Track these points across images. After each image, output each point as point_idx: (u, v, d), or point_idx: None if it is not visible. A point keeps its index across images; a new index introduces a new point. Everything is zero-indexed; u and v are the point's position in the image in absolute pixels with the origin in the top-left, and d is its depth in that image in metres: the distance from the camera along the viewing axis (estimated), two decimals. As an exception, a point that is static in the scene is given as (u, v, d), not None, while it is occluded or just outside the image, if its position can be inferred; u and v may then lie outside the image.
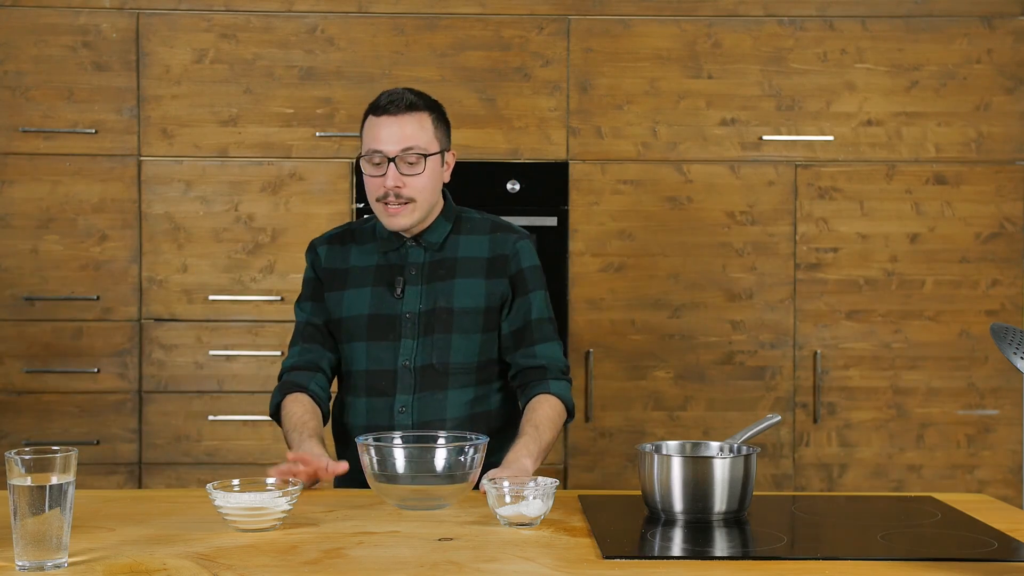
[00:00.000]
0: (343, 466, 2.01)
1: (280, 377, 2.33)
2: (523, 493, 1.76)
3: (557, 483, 1.81)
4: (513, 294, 2.27)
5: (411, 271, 2.26)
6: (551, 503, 1.79)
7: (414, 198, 2.19)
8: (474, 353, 2.25)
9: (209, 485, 1.75)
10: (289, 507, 1.75)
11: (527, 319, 2.27)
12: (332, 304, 2.30)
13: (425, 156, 2.19)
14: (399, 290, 2.24)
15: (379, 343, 2.24)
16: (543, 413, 2.20)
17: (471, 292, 2.24)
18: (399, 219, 2.20)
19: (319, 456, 2.03)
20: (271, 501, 1.72)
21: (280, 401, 2.26)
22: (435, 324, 2.23)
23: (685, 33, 3.59)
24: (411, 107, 2.20)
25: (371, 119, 2.22)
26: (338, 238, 2.35)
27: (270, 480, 1.83)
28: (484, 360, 2.27)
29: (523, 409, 2.24)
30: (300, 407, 2.22)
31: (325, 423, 2.27)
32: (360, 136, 2.27)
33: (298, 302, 2.37)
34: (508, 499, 1.76)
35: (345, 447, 2.33)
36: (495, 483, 1.79)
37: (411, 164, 2.18)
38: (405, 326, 2.23)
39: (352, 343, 2.27)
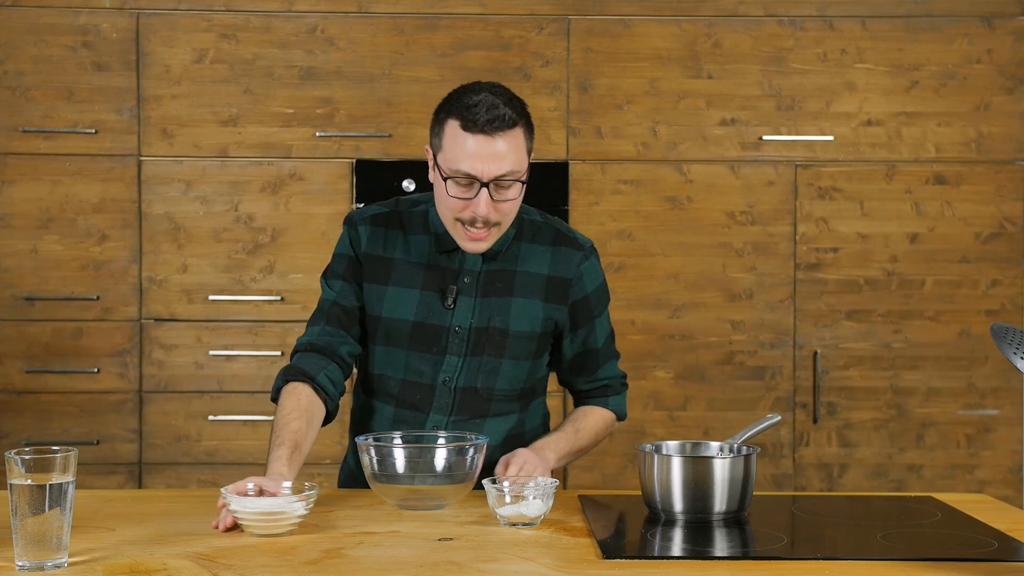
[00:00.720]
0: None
1: (293, 355, 2.08)
2: (523, 493, 1.75)
3: (557, 483, 1.80)
4: (577, 322, 2.13)
5: (465, 279, 2.05)
6: (551, 503, 1.79)
7: (501, 222, 1.98)
8: (521, 380, 2.11)
9: (224, 489, 1.70)
10: (306, 512, 1.70)
11: (592, 347, 2.16)
12: (371, 297, 2.08)
13: (522, 182, 1.96)
14: (451, 300, 2.04)
15: (421, 354, 2.06)
16: (590, 421, 2.16)
17: (528, 315, 2.07)
18: (481, 244, 1.99)
19: (275, 485, 1.78)
20: (287, 505, 1.67)
21: (281, 387, 2.02)
22: (486, 345, 2.05)
23: (685, 33, 3.59)
24: (511, 124, 1.93)
25: (460, 132, 1.93)
26: (383, 220, 2.10)
27: (286, 484, 1.77)
28: (527, 387, 2.14)
29: (574, 407, 2.22)
30: (294, 401, 1.97)
31: (330, 420, 2.05)
32: (434, 139, 1.99)
33: (327, 276, 2.12)
34: (508, 499, 1.76)
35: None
36: (496, 483, 1.79)
37: (505, 189, 1.95)
38: (452, 340, 2.05)
39: (389, 347, 2.08)
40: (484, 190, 1.92)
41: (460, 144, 1.92)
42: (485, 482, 1.79)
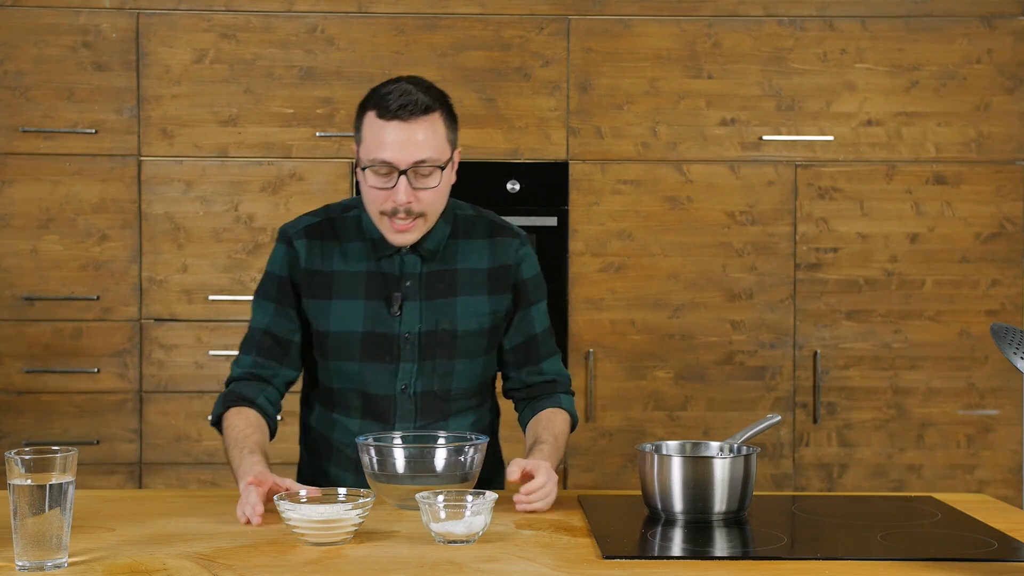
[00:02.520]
0: (292, 484, 1.81)
1: (227, 384, 2.09)
2: (464, 509, 1.65)
3: (496, 497, 1.68)
4: (515, 307, 2.12)
5: (407, 283, 2.05)
6: (489, 519, 1.67)
7: (425, 212, 1.98)
8: (476, 377, 2.12)
9: (276, 497, 1.67)
10: (361, 520, 1.65)
11: (530, 334, 2.14)
12: (315, 314, 2.06)
13: (440, 168, 1.97)
14: (396, 307, 2.03)
15: (375, 364, 2.05)
16: (559, 426, 2.09)
17: (475, 312, 2.07)
18: (408, 235, 1.99)
19: (267, 474, 1.83)
20: (343, 513, 1.63)
21: (222, 413, 2.03)
22: (437, 348, 2.05)
23: (685, 33, 3.59)
24: (425, 110, 1.94)
25: (376, 121, 1.94)
26: (317, 231, 2.07)
27: (341, 491, 1.73)
28: (484, 381, 2.15)
29: (530, 416, 2.15)
30: (243, 420, 1.99)
31: (272, 437, 2.06)
32: (356, 134, 2.01)
33: (258, 297, 2.09)
34: (443, 515, 1.65)
35: (325, 460, 2.16)
36: (428, 498, 1.67)
37: (424, 177, 1.95)
38: (404, 348, 2.04)
39: (341, 361, 2.06)
40: (403, 178, 1.93)
41: (377, 133, 1.94)
42: (419, 497, 1.68)
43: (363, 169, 1.97)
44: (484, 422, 2.18)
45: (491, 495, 1.68)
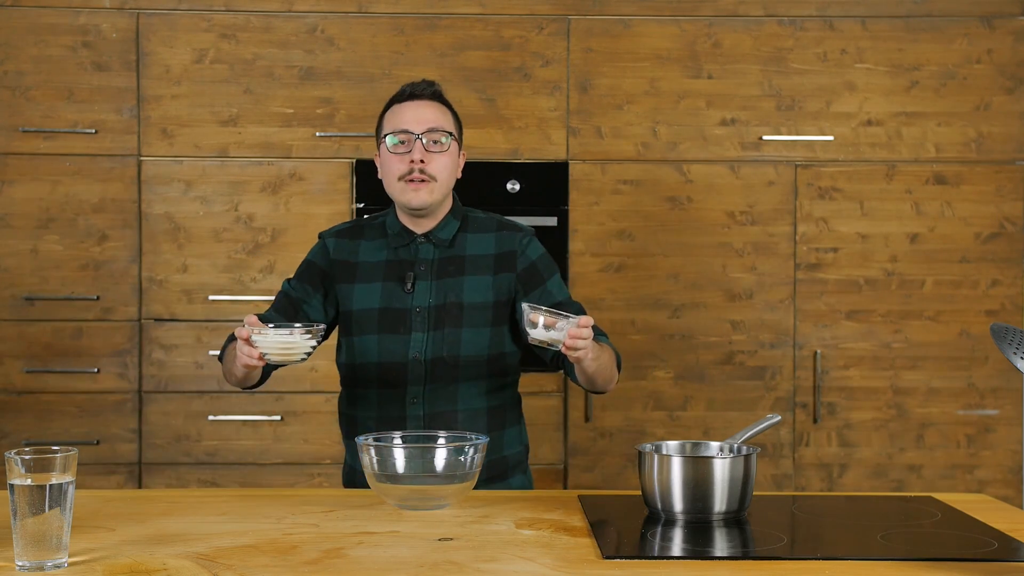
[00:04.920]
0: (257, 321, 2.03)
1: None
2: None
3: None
4: (529, 287, 2.29)
5: (421, 267, 2.29)
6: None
7: (436, 176, 2.25)
8: (484, 347, 2.27)
9: (247, 326, 1.95)
10: (313, 346, 1.96)
11: (555, 302, 2.28)
12: (342, 296, 2.32)
13: (450, 135, 2.27)
14: (409, 284, 2.27)
15: (390, 335, 2.27)
16: (603, 348, 2.17)
17: (480, 288, 2.28)
18: (421, 194, 2.25)
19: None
20: (299, 338, 1.95)
21: (227, 345, 2.26)
22: (445, 318, 2.26)
23: (685, 33, 3.59)
24: (435, 96, 2.30)
25: (395, 107, 2.29)
26: (347, 232, 2.38)
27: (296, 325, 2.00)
28: (495, 353, 2.29)
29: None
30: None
31: (265, 380, 2.29)
32: (378, 131, 2.32)
33: (287, 280, 2.39)
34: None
35: (352, 439, 2.33)
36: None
37: (436, 143, 2.25)
38: (415, 320, 2.26)
39: (363, 336, 2.29)
40: (418, 141, 2.24)
41: (393, 114, 2.29)
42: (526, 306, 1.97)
43: (385, 137, 2.27)
44: (504, 396, 2.32)
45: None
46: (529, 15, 3.57)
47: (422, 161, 2.23)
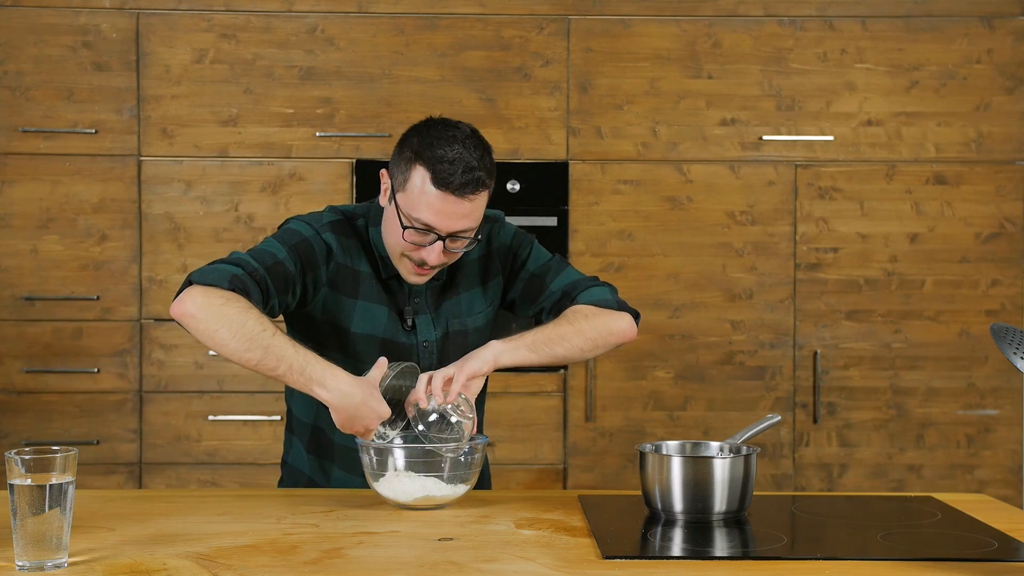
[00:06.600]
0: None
1: (230, 264, 1.92)
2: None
3: (486, 440, 1.81)
4: (518, 269, 2.15)
5: (416, 298, 2.08)
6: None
7: (447, 262, 2.02)
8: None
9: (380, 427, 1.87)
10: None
11: (533, 273, 2.14)
12: (337, 308, 2.04)
13: (476, 236, 2.01)
14: (410, 321, 2.07)
15: None
16: (565, 316, 2.05)
17: (476, 307, 2.13)
18: (422, 280, 2.03)
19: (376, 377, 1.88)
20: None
21: (224, 287, 1.87)
22: (452, 349, 2.09)
23: (685, 33, 3.59)
24: (481, 187, 1.93)
25: (430, 186, 1.91)
26: (342, 231, 2.05)
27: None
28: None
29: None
30: (257, 315, 1.86)
31: None
32: (398, 174, 1.96)
33: (282, 242, 1.99)
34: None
35: (328, 460, 2.14)
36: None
37: (458, 241, 1.98)
38: (423, 354, 2.08)
39: (359, 362, 2.03)
40: (440, 242, 1.95)
41: (426, 196, 1.92)
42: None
43: (403, 225, 1.94)
44: (482, 397, 2.17)
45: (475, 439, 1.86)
46: (529, 15, 3.57)
47: (438, 263, 1.98)
